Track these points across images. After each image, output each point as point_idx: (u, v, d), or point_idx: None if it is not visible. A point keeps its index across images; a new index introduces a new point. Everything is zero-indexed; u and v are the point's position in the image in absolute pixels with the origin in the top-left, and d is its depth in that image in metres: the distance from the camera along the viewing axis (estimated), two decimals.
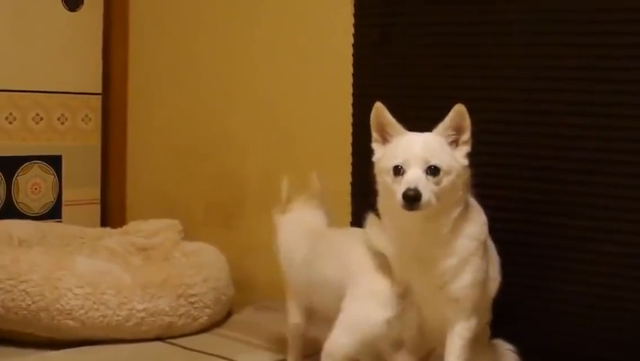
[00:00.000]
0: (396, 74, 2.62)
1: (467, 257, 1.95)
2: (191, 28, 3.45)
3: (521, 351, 2.21)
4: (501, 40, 2.43)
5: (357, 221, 2.22)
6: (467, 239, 1.95)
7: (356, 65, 2.73)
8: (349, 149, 2.73)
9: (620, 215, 2.24)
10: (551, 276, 2.34)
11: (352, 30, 2.74)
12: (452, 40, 2.52)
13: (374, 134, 2.01)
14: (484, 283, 2.01)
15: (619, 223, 2.24)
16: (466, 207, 1.97)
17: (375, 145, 2.01)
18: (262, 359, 2.51)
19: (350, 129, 2.73)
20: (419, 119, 1.98)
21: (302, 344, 2.32)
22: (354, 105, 2.73)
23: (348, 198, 2.75)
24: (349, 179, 2.71)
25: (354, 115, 2.72)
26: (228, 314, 2.97)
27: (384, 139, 1.99)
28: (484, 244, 2.01)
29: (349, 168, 2.71)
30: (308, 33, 3.03)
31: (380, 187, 1.98)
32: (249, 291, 3.10)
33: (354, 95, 2.73)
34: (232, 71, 3.29)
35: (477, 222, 1.99)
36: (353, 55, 2.74)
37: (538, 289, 2.34)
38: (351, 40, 2.74)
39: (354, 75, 2.72)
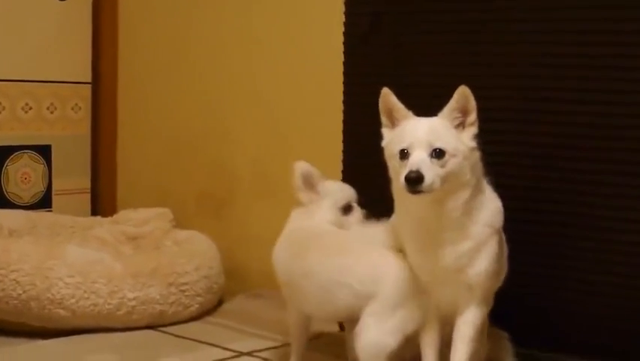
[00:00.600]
0: (387, 63, 2.61)
1: (482, 243, 1.95)
2: (181, 17, 3.44)
3: (526, 340, 2.23)
4: (496, 28, 2.41)
5: None
6: (481, 225, 1.95)
7: (347, 54, 2.73)
8: (341, 139, 2.73)
9: (628, 203, 2.22)
10: (558, 265, 2.33)
11: (343, 19, 2.73)
12: (444, 28, 2.51)
13: (383, 119, 2.00)
14: (498, 273, 2.02)
15: (627, 212, 2.22)
16: (480, 192, 1.96)
17: (384, 130, 2.01)
18: (253, 346, 2.51)
19: (341, 119, 2.73)
20: (411, 108, 1.98)
21: (305, 336, 2.28)
22: (345, 95, 2.73)
23: None
24: (340, 168, 2.71)
25: (345, 105, 2.72)
26: (219, 303, 2.98)
27: (393, 124, 1.99)
28: (500, 233, 2.01)
29: (340, 158, 2.71)
30: (299, 23, 3.03)
31: (391, 173, 1.97)
32: (240, 280, 3.11)
33: (345, 85, 2.73)
34: (223, 60, 3.28)
35: (491, 209, 1.98)
36: (344, 44, 2.73)
37: (544, 278, 2.33)
38: (342, 29, 2.74)
39: (345, 65, 2.72)
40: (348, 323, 2.20)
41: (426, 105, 1.99)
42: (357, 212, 2.23)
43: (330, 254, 2.09)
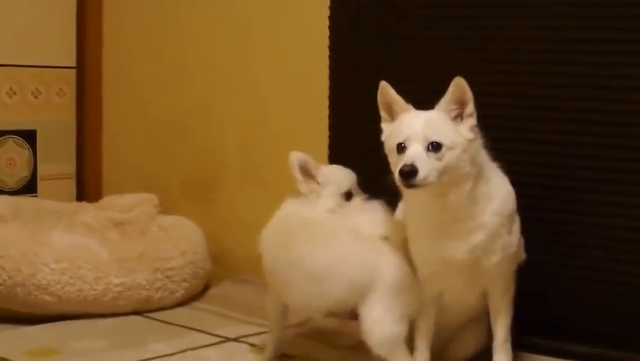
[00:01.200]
0: (373, 48, 2.61)
1: (495, 233, 1.96)
2: (167, 1, 3.42)
3: (527, 327, 2.24)
4: (486, 13, 2.41)
5: None
6: (491, 214, 1.96)
7: (333, 40, 2.72)
8: (327, 123, 2.73)
9: (629, 188, 2.23)
10: (559, 252, 2.34)
11: (329, 4, 2.73)
12: (431, 13, 2.50)
13: (382, 114, 2.00)
14: (515, 254, 2.05)
15: (627, 197, 2.23)
16: (485, 182, 1.96)
17: (383, 124, 2.00)
18: (239, 332, 2.51)
19: (327, 104, 2.73)
20: (399, 94, 1.98)
21: (284, 323, 2.27)
22: (331, 80, 2.72)
23: None
24: (327, 153, 2.71)
25: (331, 90, 2.72)
26: (205, 288, 2.98)
27: (392, 117, 1.99)
28: (511, 218, 2.02)
29: (326, 142, 2.71)
30: (285, 8, 3.02)
31: (392, 167, 1.95)
32: (227, 265, 3.11)
33: (331, 69, 2.73)
34: (209, 45, 3.27)
35: (501, 197, 1.99)
36: (330, 29, 2.73)
37: (544, 265, 2.32)
38: (328, 14, 2.73)
39: (330, 50, 2.72)
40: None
41: (413, 91, 1.99)
42: (359, 197, 2.20)
43: (322, 243, 2.06)
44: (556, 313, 2.37)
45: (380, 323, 1.98)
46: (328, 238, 2.07)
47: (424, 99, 1.96)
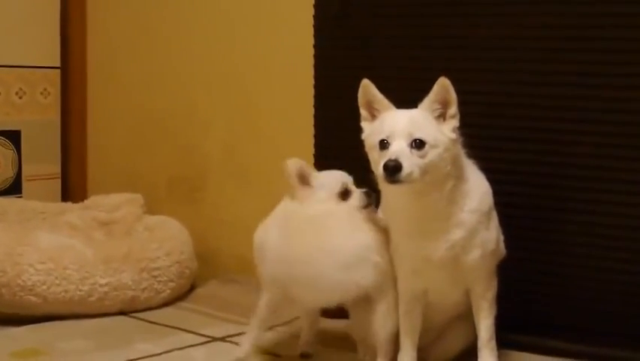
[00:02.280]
0: (357, 45, 2.61)
1: (473, 230, 1.97)
2: (151, 1, 3.41)
3: (512, 325, 2.25)
4: (470, 11, 2.40)
5: None
6: (469, 212, 1.97)
7: (317, 36, 2.72)
8: (312, 121, 2.72)
9: (615, 186, 2.24)
10: (544, 250, 2.35)
11: (313, 1, 2.72)
12: (416, 11, 2.50)
13: (362, 112, 2.00)
14: (495, 251, 2.06)
15: (615, 195, 2.24)
16: (464, 181, 1.97)
17: (363, 123, 2.00)
18: (226, 332, 2.51)
19: (312, 102, 2.72)
20: (381, 91, 1.98)
21: (270, 321, 2.27)
22: (315, 77, 2.72)
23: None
24: (312, 151, 2.70)
25: (316, 88, 2.71)
26: (192, 288, 2.97)
27: (373, 116, 1.99)
28: (489, 215, 2.03)
29: (312, 141, 2.71)
30: (269, 5, 3.02)
31: (372, 165, 1.96)
32: (213, 264, 3.11)
33: (315, 67, 2.72)
34: (193, 44, 3.27)
35: (478, 195, 1.99)
36: (314, 27, 2.72)
37: (529, 263, 2.34)
38: (312, 11, 2.73)
39: (315, 47, 2.71)
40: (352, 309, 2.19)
41: (396, 88, 1.99)
42: (357, 193, 2.18)
43: (350, 231, 2.07)
44: (541, 310, 2.37)
45: (389, 315, 2.03)
46: (353, 225, 2.08)
47: (408, 98, 1.96)
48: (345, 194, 2.18)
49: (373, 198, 2.12)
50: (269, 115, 3.04)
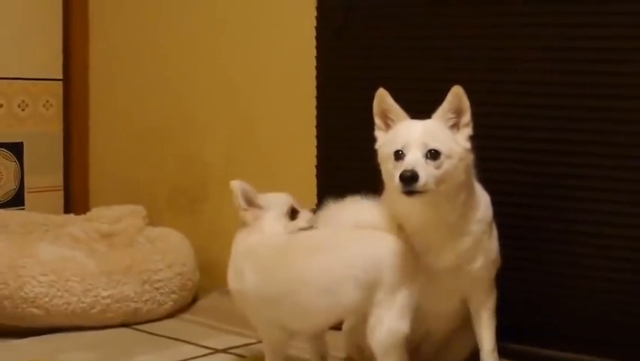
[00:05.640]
0: (360, 58, 2.61)
1: (479, 240, 1.98)
2: (152, 12, 3.42)
3: (516, 335, 2.25)
4: (473, 22, 2.41)
5: (322, 205, 2.18)
6: (476, 222, 1.97)
7: (319, 49, 2.72)
8: (313, 132, 2.73)
9: (613, 196, 2.23)
10: (547, 259, 2.35)
11: (315, 13, 2.73)
12: (418, 23, 2.50)
13: (377, 121, 1.99)
14: (495, 260, 2.06)
15: (613, 205, 2.23)
16: (473, 191, 1.97)
17: (377, 133, 2.00)
18: (229, 343, 2.51)
19: (314, 113, 2.73)
20: None
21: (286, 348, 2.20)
22: (317, 89, 2.72)
23: (312, 182, 2.75)
24: (314, 162, 2.71)
25: (318, 98, 2.72)
26: (194, 299, 2.97)
27: (387, 125, 1.98)
28: (491, 224, 2.03)
29: (314, 152, 2.71)
30: (271, 17, 3.02)
31: (384, 177, 1.95)
32: (215, 276, 3.09)
33: (317, 78, 2.73)
34: (195, 55, 3.27)
35: (482, 205, 2.00)
36: (316, 38, 2.73)
37: (532, 272, 2.34)
38: (314, 23, 2.73)
39: (317, 59, 2.72)
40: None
41: (398, 100, 1.99)
42: (304, 213, 2.17)
43: (321, 254, 2.01)
44: (542, 320, 2.37)
45: (381, 322, 1.93)
46: (323, 247, 2.02)
47: (410, 109, 1.96)
48: (293, 213, 2.16)
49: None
50: (270, 126, 3.04)
